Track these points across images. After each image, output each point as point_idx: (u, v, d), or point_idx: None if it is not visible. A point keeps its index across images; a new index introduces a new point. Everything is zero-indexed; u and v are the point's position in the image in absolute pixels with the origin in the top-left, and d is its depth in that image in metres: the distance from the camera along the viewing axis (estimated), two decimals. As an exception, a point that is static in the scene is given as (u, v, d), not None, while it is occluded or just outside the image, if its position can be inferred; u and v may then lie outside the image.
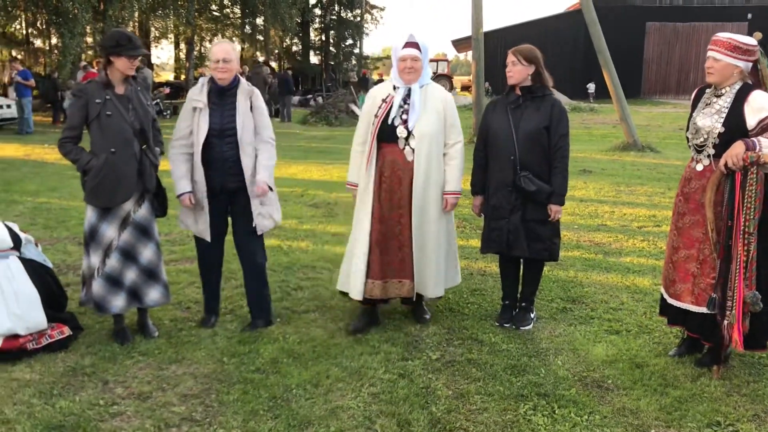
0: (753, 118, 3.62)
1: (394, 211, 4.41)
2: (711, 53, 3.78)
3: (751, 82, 3.74)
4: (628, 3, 42.60)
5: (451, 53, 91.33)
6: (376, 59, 47.67)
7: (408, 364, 4.02)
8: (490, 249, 4.59)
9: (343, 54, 44.20)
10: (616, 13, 39.48)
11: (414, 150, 4.34)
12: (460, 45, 50.21)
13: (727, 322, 3.66)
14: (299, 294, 5.27)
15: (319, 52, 44.69)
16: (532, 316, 4.71)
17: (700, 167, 3.85)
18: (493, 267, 5.82)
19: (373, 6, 44.67)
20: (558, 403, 3.55)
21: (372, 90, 4.68)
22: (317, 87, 36.95)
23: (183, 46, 37.20)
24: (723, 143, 3.69)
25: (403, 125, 4.34)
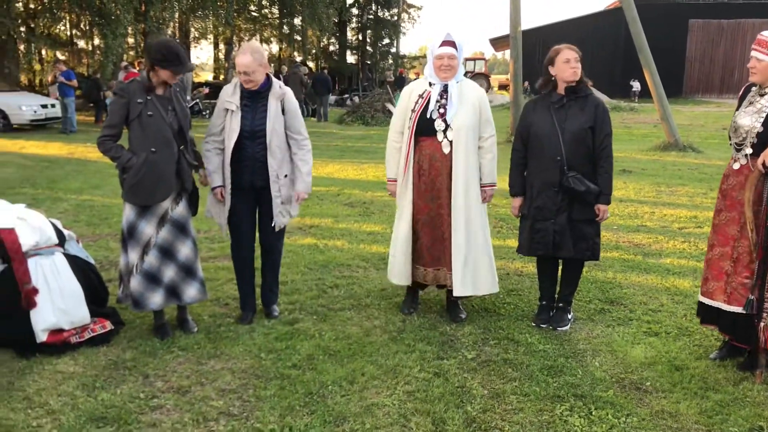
0: None
1: (434, 201, 4.53)
2: (754, 53, 3.74)
3: None
4: (671, 0, 41.80)
5: (489, 52, 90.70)
6: (413, 58, 47.45)
7: (443, 363, 4.02)
8: (536, 252, 4.53)
9: (380, 53, 44.11)
10: (658, 10, 38.68)
11: (452, 142, 4.44)
12: (498, 43, 49.88)
13: (763, 324, 3.59)
14: (335, 292, 5.31)
15: (355, 51, 44.75)
16: (570, 316, 4.67)
17: (737, 165, 3.83)
18: (530, 267, 5.78)
19: (410, 5, 44.52)
20: (595, 405, 3.51)
21: (407, 86, 4.76)
22: (354, 86, 37.03)
23: (222, 46, 37.60)
24: (761, 143, 3.66)
25: (440, 118, 4.44)
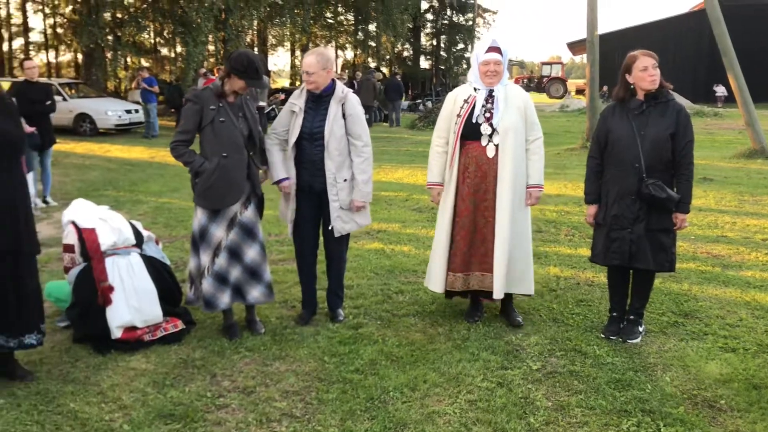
0: None
1: (480, 204, 4.54)
2: None
3: None
4: (758, 1, 39.97)
5: (566, 56, 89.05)
6: (487, 63, 47.02)
7: (507, 373, 3.96)
8: (612, 261, 4.41)
9: (454, 58, 43.92)
10: (744, 11, 37.07)
11: (497, 146, 4.45)
12: (575, 47, 49.00)
13: None
14: (400, 297, 5.31)
15: (429, 56, 44.78)
16: (641, 329, 4.52)
17: None
18: (600, 277, 5.63)
19: (485, 9, 44.22)
20: (664, 421, 3.39)
21: (451, 92, 4.79)
22: (427, 91, 37.05)
23: (298, 53, 38.31)
24: None
25: (486, 122, 4.46)
